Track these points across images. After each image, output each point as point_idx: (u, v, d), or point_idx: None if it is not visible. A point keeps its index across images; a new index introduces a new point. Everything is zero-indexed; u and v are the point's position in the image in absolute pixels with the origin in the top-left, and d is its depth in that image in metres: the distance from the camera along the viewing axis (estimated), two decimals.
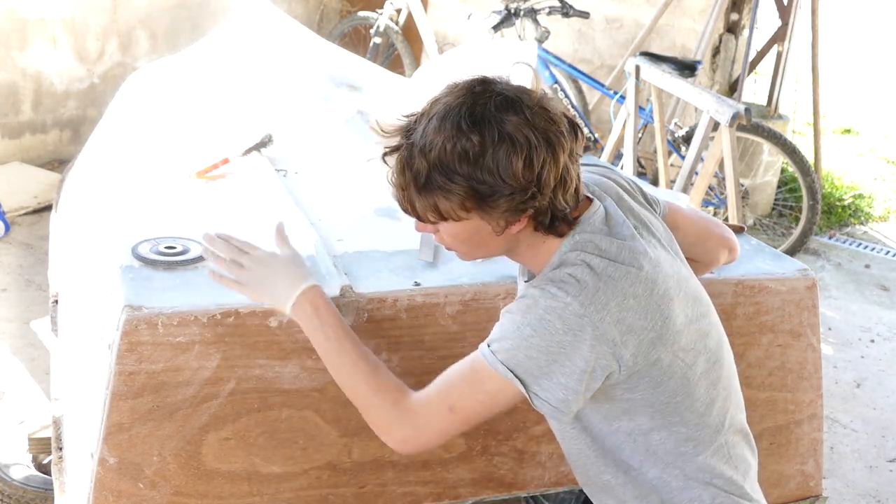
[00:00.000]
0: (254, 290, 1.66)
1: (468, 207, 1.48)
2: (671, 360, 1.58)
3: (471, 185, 1.46)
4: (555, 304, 1.49)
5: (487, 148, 1.44)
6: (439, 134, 1.45)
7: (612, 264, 1.53)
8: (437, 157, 1.45)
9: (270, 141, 2.50)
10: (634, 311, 1.52)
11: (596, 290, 1.50)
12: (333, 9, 6.94)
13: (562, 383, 1.50)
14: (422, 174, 1.47)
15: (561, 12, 5.00)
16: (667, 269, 1.60)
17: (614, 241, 1.57)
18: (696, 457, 1.65)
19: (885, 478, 3.43)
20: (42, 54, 5.22)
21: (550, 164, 1.47)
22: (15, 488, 2.64)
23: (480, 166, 1.45)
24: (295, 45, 3.63)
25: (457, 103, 1.47)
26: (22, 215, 4.68)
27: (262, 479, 1.80)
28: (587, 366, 1.50)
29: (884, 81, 9.63)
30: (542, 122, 1.47)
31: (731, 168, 3.95)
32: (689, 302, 1.62)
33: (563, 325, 1.49)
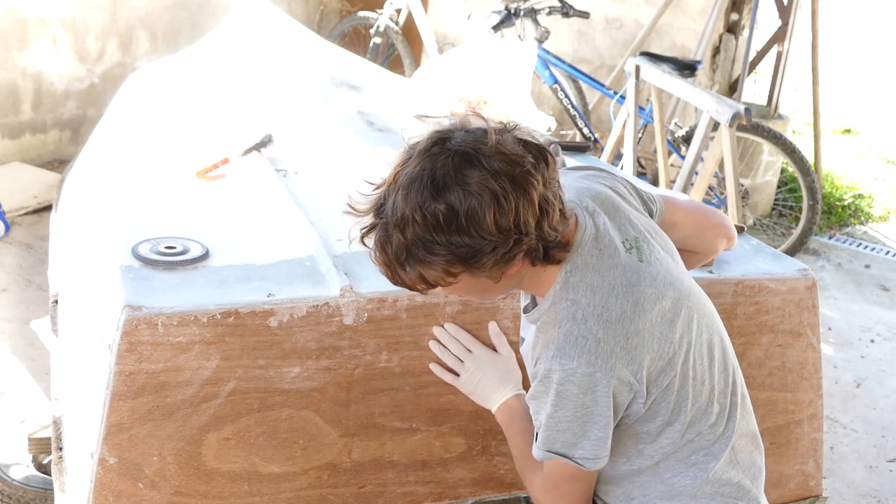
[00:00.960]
0: (466, 387, 1.84)
1: (455, 272, 1.48)
2: (682, 382, 1.61)
3: (451, 251, 1.45)
4: (564, 374, 1.54)
5: (457, 211, 1.43)
6: (407, 206, 1.44)
7: (606, 307, 1.55)
8: (413, 231, 1.44)
9: (270, 141, 2.50)
10: (640, 348, 1.55)
11: (597, 342, 1.53)
12: (333, 9, 6.94)
13: (598, 436, 1.58)
14: (402, 251, 1.47)
15: (561, 12, 5.00)
16: (663, 285, 1.59)
17: (607, 273, 1.57)
18: (707, 464, 1.66)
19: (885, 478, 3.43)
20: (42, 54, 5.22)
21: (524, 205, 1.46)
22: (15, 488, 2.64)
23: (455, 231, 1.43)
24: (295, 45, 3.63)
25: (417, 172, 1.45)
26: (22, 215, 4.68)
27: (262, 479, 1.80)
28: (610, 410, 1.57)
29: (884, 81, 9.63)
30: (504, 167, 1.45)
31: (731, 168, 3.95)
32: (691, 316, 1.63)
33: (580, 389, 1.54)
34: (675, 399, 1.61)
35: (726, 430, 1.68)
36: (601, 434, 1.57)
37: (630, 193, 1.73)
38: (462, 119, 1.52)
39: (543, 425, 1.59)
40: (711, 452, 1.66)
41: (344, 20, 6.37)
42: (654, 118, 4.39)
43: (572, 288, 1.56)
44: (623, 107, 4.50)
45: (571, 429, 1.57)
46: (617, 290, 1.56)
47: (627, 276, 1.57)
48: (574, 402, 1.54)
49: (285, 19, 3.88)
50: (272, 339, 1.74)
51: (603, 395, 1.54)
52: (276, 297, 1.75)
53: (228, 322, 1.70)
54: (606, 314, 1.54)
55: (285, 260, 1.91)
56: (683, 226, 1.80)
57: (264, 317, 1.73)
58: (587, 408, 1.55)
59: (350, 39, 6.22)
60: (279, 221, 2.10)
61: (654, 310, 1.57)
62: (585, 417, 1.55)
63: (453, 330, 1.85)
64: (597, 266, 1.58)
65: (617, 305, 1.55)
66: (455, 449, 1.93)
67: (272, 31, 3.72)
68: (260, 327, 1.73)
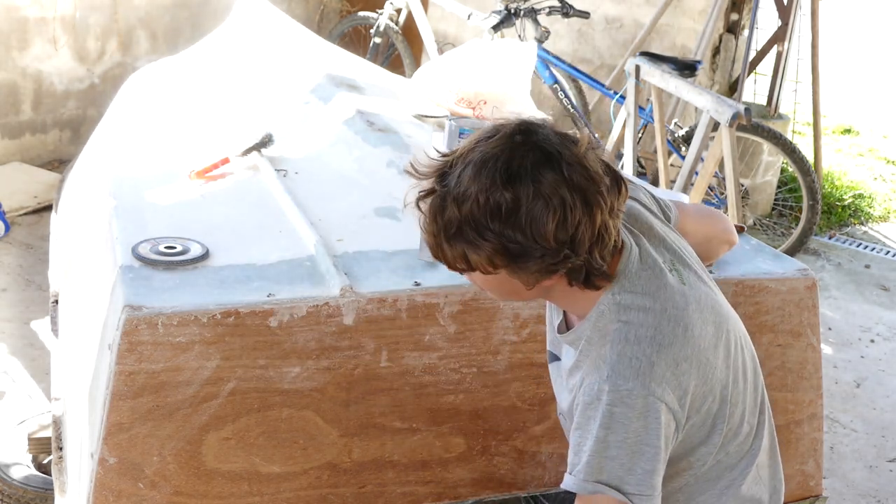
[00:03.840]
0: None
1: (497, 264, 1.43)
2: (720, 405, 1.58)
3: (501, 243, 1.40)
4: (617, 394, 1.46)
5: (521, 206, 1.38)
6: (473, 184, 1.39)
7: (659, 329, 1.50)
8: (470, 210, 1.39)
9: (270, 141, 2.50)
10: (687, 375, 1.50)
11: (651, 364, 1.47)
12: (333, 9, 6.94)
13: (647, 469, 1.47)
14: (452, 225, 1.41)
15: (561, 12, 5.00)
16: (705, 309, 1.56)
17: (657, 296, 1.52)
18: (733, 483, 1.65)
19: (885, 478, 3.43)
20: (42, 54, 5.22)
21: (586, 224, 1.41)
22: (15, 488, 2.64)
23: (512, 225, 1.39)
24: (295, 46, 3.63)
25: (494, 153, 1.40)
26: (22, 215, 4.68)
27: (262, 479, 1.80)
28: (661, 441, 1.48)
29: (884, 81, 9.63)
30: (581, 180, 1.40)
31: (731, 168, 3.95)
32: (730, 339, 1.60)
33: (632, 412, 1.46)
34: (712, 422, 1.58)
35: (752, 448, 1.67)
36: (651, 466, 1.46)
37: (651, 203, 1.71)
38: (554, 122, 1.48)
39: (589, 453, 1.46)
40: (738, 469, 1.65)
41: (344, 20, 6.36)
42: (654, 118, 4.39)
43: (623, 309, 1.51)
44: (623, 107, 4.49)
45: (620, 457, 1.46)
46: (668, 313, 1.51)
47: (676, 300, 1.53)
48: (625, 426, 1.45)
49: (285, 19, 3.88)
50: (272, 339, 1.74)
51: (654, 422, 1.46)
52: (276, 297, 1.75)
53: (228, 322, 1.71)
54: (659, 337, 1.49)
55: (285, 260, 1.91)
56: (693, 234, 1.78)
57: (264, 317, 1.73)
58: (638, 435, 1.46)
59: (350, 39, 6.21)
60: (279, 221, 2.10)
61: (701, 335, 1.53)
62: (635, 446, 1.46)
63: None
64: (646, 288, 1.53)
65: (669, 329, 1.50)
66: (455, 449, 1.93)
67: (272, 32, 3.71)
68: (260, 327, 1.73)
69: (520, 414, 1.96)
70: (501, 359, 1.91)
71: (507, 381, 1.93)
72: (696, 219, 1.82)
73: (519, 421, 1.97)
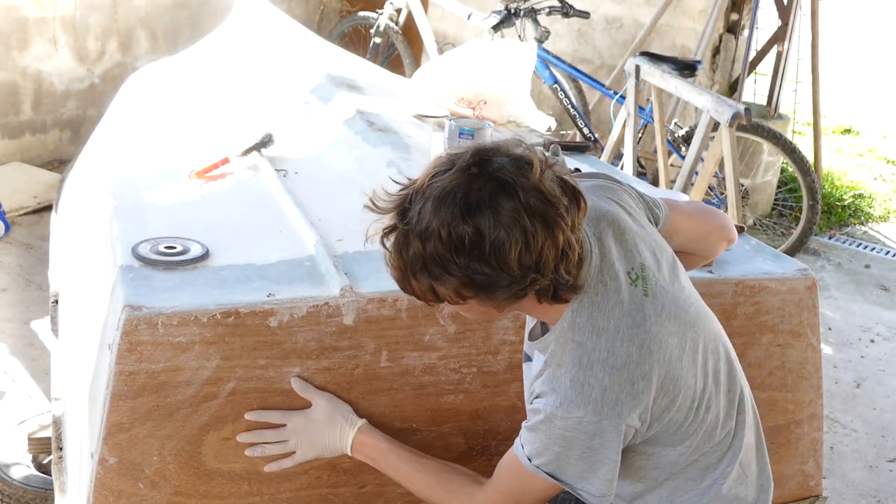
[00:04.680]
0: (308, 456, 1.79)
1: (465, 295, 1.46)
2: (687, 414, 1.59)
3: (467, 275, 1.42)
4: (569, 422, 1.51)
5: (484, 238, 1.40)
6: (434, 219, 1.41)
7: (612, 351, 1.51)
8: (434, 246, 1.41)
9: (270, 141, 2.50)
10: (645, 392, 1.53)
11: (603, 389, 1.50)
12: (333, 9, 6.94)
13: (605, 478, 1.55)
14: (417, 261, 1.43)
15: (561, 12, 5.00)
16: (666, 321, 1.56)
17: (612, 312, 1.53)
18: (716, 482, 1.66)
19: (885, 478, 3.43)
20: (42, 54, 5.22)
21: (549, 247, 1.43)
22: (15, 488, 2.64)
23: (476, 257, 1.41)
24: (295, 46, 3.63)
25: (451, 187, 1.42)
26: (22, 215, 4.68)
27: (262, 479, 1.80)
28: (619, 454, 1.55)
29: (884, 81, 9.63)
30: (539, 205, 1.41)
31: (731, 168, 3.95)
32: (696, 347, 1.60)
33: (587, 435, 1.51)
34: (678, 429, 1.60)
35: (732, 447, 1.67)
36: (609, 476, 1.55)
37: (637, 205, 1.70)
38: (508, 141, 1.48)
39: (551, 456, 1.54)
40: (720, 469, 1.66)
41: (344, 20, 6.36)
42: (654, 118, 4.39)
43: (578, 329, 1.53)
44: (623, 107, 4.49)
45: (580, 465, 1.54)
46: (622, 332, 1.52)
47: (633, 316, 1.54)
48: (581, 445, 1.52)
49: (285, 19, 3.88)
50: (272, 339, 1.74)
51: (611, 440, 1.52)
52: (276, 297, 1.75)
53: (228, 322, 1.70)
54: (612, 359, 1.51)
55: (285, 260, 1.91)
56: (686, 231, 1.79)
57: (264, 317, 1.73)
58: (594, 450, 1.53)
59: (350, 39, 6.21)
60: (279, 221, 2.10)
61: (660, 350, 1.54)
62: (592, 458, 1.53)
63: (256, 416, 1.75)
64: (602, 305, 1.54)
65: (623, 349, 1.51)
66: (455, 449, 1.93)
67: (272, 32, 3.71)
68: (260, 327, 1.73)
69: (520, 414, 1.95)
70: (501, 359, 1.91)
71: (507, 381, 1.92)
72: (690, 216, 1.82)
73: (519, 421, 1.95)
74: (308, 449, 1.78)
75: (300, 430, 1.77)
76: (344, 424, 1.77)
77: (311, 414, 1.77)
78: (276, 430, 1.77)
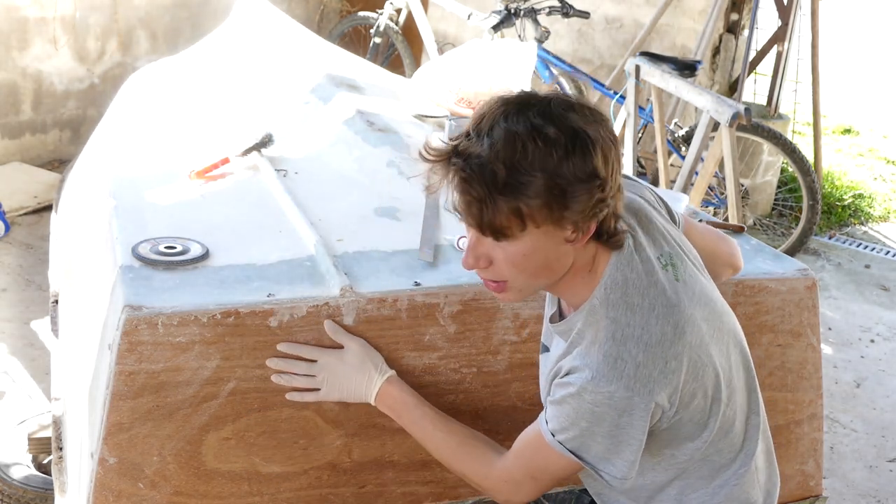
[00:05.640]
0: (331, 396, 1.76)
1: (551, 206, 1.40)
2: (711, 402, 1.58)
3: (553, 182, 1.38)
4: (599, 396, 1.48)
5: (565, 142, 1.38)
6: (511, 135, 1.38)
7: (647, 328, 1.50)
8: (517, 157, 1.38)
9: (270, 141, 2.50)
10: (677, 372, 1.51)
11: (636, 366, 1.48)
12: (333, 9, 6.94)
13: (629, 459, 1.53)
14: (500, 177, 1.38)
15: (561, 12, 5.00)
16: (698, 307, 1.56)
17: (647, 291, 1.53)
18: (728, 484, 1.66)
19: (885, 478, 3.43)
20: (42, 54, 5.22)
21: (616, 163, 1.44)
22: (15, 488, 2.64)
23: (561, 161, 1.38)
24: (295, 46, 3.63)
25: (516, 109, 1.41)
26: (22, 215, 4.68)
27: (262, 479, 1.80)
28: (645, 434, 1.52)
29: (884, 81, 9.63)
30: (602, 120, 1.44)
31: (731, 168, 3.95)
32: (723, 337, 1.61)
33: (616, 411, 1.49)
34: (701, 419, 1.58)
35: (746, 448, 1.67)
36: (633, 457, 1.52)
37: (657, 202, 1.71)
38: None
39: (576, 433, 1.52)
40: (732, 469, 1.66)
41: (344, 20, 6.36)
42: (654, 118, 4.39)
43: (612, 305, 1.52)
44: (623, 107, 4.50)
45: (605, 444, 1.51)
46: (657, 311, 1.51)
47: (667, 296, 1.53)
48: (610, 422, 1.49)
49: (285, 19, 3.88)
50: (272, 339, 1.74)
51: (639, 419, 1.49)
52: (276, 297, 1.75)
53: (228, 322, 1.71)
54: (646, 336, 1.49)
55: (285, 260, 1.91)
56: (696, 247, 1.76)
57: (264, 317, 1.73)
58: (622, 428, 1.50)
59: (350, 39, 6.22)
60: (279, 221, 2.10)
61: (692, 332, 1.53)
62: (619, 437, 1.51)
63: (288, 348, 1.74)
64: (636, 283, 1.53)
65: (657, 327, 1.50)
66: None
67: (272, 32, 3.71)
68: (260, 327, 1.73)
69: (520, 414, 1.95)
70: (501, 359, 1.91)
71: (507, 381, 1.92)
72: (702, 235, 1.81)
73: (519, 421, 1.96)
74: (333, 389, 1.75)
75: (330, 368, 1.74)
76: (373, 372, 1.75)
77: (343, 355, 1.75)
78: (307, 363, 1.75)
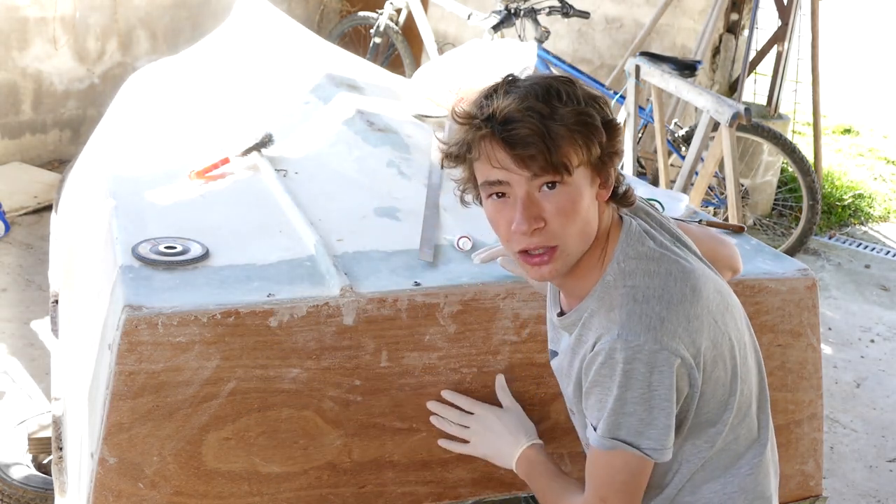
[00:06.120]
0: (478, 451, 1.83)
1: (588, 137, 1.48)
2: (731, 376, 1.59)
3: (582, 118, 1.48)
4: (631, 351, 1.48)
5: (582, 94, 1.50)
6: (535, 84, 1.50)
7: (667, 289, 1.52)
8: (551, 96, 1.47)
9: (270, 141, 2.50)
10: (699, 333, 1.52)
11: (661, 319, 1.49)
12: (333, 9, 6.94)
13: (664, 424, 1.51)
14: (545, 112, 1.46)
15: (561, 12, 5.00)
16: (710, 280, 1.59)
17: (661, 260, 1.55)
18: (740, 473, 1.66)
19: (885, 478, 3.43)
20: (42, 54, 5.22)
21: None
22: (15, 488, 2.64)
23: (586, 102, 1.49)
24: (295, 46, 3.63)
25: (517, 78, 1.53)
26: (22, 215, 4.68)
27: (262, 479, 1.80)
28: (674, 395, 1.51)
29: (884, 81, 9.63)
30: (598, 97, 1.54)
31: (731, 168, 3.95)
32: (734, 313, 1.63)
33: (646, 367, 1.48)
34: (722, 395, 1.59)
35: (760, 438, 1.68)
36: (667, 422, 1.51)
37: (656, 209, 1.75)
38: None
39: (608, 411, 1.51)
40: (746, 458, 1.66)
41: (344, 20, 6.37)
42: (654, 118, 4.39)
43: (628, 275, 1.54)
44: (623, 107, 4.49)
45: (637, 413, 1.49)
46: (675, 275, 1.54)
47: (681, 264, 1.56)
48: (641, 381, 1.48)
49: (285, 20, 3.88)
50: (272, 339, 1.74)
51: (668, 377, 1.48)
52: (276, 297, 1.75)
53: (228, 322, 1.71)
54: (668, 296, 1.51)
55: (285, 260, 1.91)
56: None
57: (264, 317, 1.73)
58: (654, 389, 1.48)
59: (350, 39, 6.22)
60: (279, 221, 2.10)
61: (709, 298, 1.56)
62: (652, 401, 1.49)
63: (450, 396, 1.84)
64: (650, 254, 1.56)
65: (677, 288, 1.52)
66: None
67: (272, 32, 3.71)
68: (260, 327, 1.73)
69: None
70: (501, 359, 1.91)
71: (508, 381, 1.92)
72: (699, 238, 1.81)
73: None
74: (483, 445, 1.81)
75: (485, 424, 1.81)
76: (522, 437, 1.80)
77: (502, 415, 1.82)
78: (462, 415, 1.82)
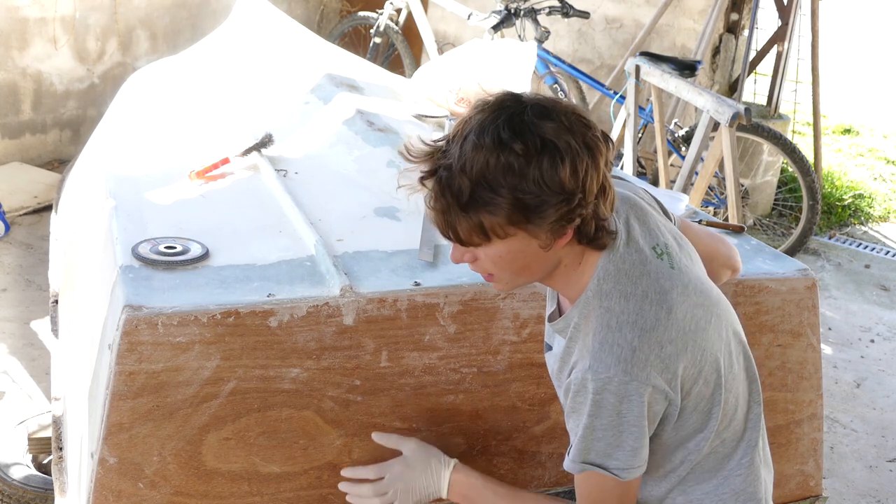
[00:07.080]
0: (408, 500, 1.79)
1: (515, 221, 1.44)
2: (713, 390, 1.59)
3: (517, 198, 1.41)
4: (600, 383, 1.50)
5: (532, 157, 1.41)
6: (479, 150, 1.41)
7: (641, 314, 1.52)
8: (480, 172, 1.41)
9: (270, 141, 2.50)
10: (673, 357, 1.52)
11: (633, 349, 1.50)
12: (333, 9, 6.94)
13: (633, 446, 1.54)
14: (464, 192, 1.42)
15: (561, 12, 5.00)
16: (693, 294, 1.58)
17: (639, 280, 1.55)
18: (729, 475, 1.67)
19: (885, 478, 3.43)
20: (42, 54, 5.22)
21: (592, 171, 1.45)
22: (15, 488, 2.64)
23: (526, 176, 1.41)
24: (295, 46, 3.63)
25: (491, 118, 1.43)
26: (22, 215, 4.68)
27: (262, 479, 1.80)
28: (645, 420, 1.53)
29: (884, 81, 9.63)
30: (580, 128, 1.44)
31: (731, 168, 3.95)
32: (720, 324, 1.62)
33: (615, 397, 1.50)
34: (706, 407, 1.60)
35: (747, 439, 1.68)
36: (636, 444, 1.54)
37: (651, 200, 1.73)
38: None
39: (579, 437, 1.55)
40: (735, 460, 1.67)
41: (344, 20, 6.36)
42: (654, 118, 4.39)
43: (605, 295, 1.54)
44: (623, 107, 4.50)
45: (606, 437, 1.53)
46: (650, 297, 1.53)
47: (660, 283, 1.55)
48: (610, 410, 1.51)
49: (285, 19, 3.88)
50: (272, 339, 1.74)
51: (637, 405, 1.51)
52: (276, 297, 1.75)
53: (228, 322, 1.71)
54: (641, 321, 1.51)
55: (285, 260, 1.91)
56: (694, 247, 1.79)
57: (264, 317, 1.73)
58: (622, 416, 1.51)
59: (350, 39, 6.22)
60: (279, 221, 2.10)
61: (688, 317, 1.55)
62: (621, 427, 1.52)
63: (351, 473, 1.81)
64: (629, 272, 1.55)
65: (651, 312, 1.52)
66: (455, 449, 1.93)
67: (272, 32, 3.71)
68: (260, 327, 1.73)
69: (520, 414, 1.96)
70: (501, 359, 1.92)
71: (507, 381, 1.93)
72: (699, 237, 1.82)
73: (519, 421, 1.97)
74: (405, 495, 1.78)
75: (397, 478, 1.78)
76: (438, 466, 1.78)
77: (406, 461, 1.80)
78: (374, 485, 1.79)
